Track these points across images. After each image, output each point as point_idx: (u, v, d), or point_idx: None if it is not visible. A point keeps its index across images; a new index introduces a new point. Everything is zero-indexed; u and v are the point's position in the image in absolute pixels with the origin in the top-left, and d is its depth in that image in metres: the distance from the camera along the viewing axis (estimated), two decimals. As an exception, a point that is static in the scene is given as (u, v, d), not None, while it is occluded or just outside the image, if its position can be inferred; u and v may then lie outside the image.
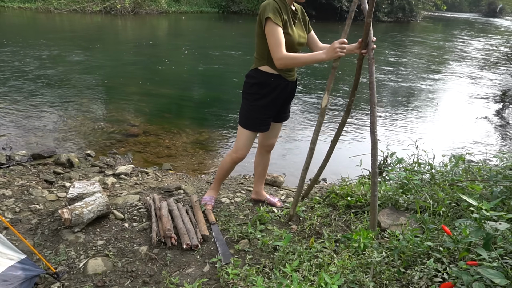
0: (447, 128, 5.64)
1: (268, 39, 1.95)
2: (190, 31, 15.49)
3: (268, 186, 3.22)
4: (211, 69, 8.52)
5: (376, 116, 2.01)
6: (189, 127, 4.87)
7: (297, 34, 2.09)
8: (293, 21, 2.08)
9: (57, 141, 4.16)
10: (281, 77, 2.14)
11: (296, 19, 2.11)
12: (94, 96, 5.93)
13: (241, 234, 2.21)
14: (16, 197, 2.63)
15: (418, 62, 11.35)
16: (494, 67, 11.12)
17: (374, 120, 2.00)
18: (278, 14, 1.94)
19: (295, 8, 2.13)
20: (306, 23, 2.22)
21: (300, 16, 2.17)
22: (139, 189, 2.92)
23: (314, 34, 2.28)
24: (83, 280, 1.84)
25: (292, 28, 2.06)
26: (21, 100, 5.37)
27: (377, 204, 2.03)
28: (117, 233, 2.22)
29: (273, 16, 1.91)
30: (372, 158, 2.02)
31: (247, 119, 2.24)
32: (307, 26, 2.23)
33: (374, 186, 1.99)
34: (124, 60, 8.77)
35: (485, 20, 38.05)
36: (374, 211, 2.03)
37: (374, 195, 2.01)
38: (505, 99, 7.68)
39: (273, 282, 1.66)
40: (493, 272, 1.29)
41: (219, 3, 23.54)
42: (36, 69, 7.18)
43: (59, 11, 17.26)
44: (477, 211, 1.51)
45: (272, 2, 1.95)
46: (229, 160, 2.39)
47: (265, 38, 2.01)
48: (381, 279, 1.67)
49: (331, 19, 22.62)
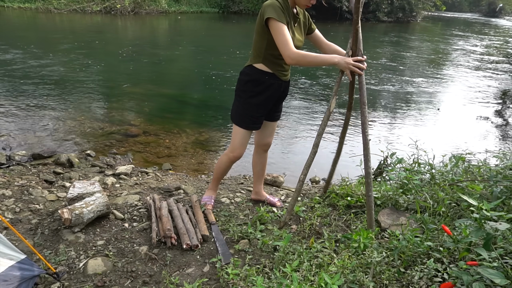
0: (447, 128, 5.64)
1: (276, 38, 1.95)
2: (190, 31, 15.49)
3: (268, 186, 3.22)
4: (211, 69, 8.52)
5: (367, 116, 2.02)
6: (189, 127, 4.87)
7: (295, 38, 2.10)
8: (293, 24, 2.08)
9: (57, 141, 4.16)
10: (275, 76, 2.15)
11: (296, 22, 2.12)
12: (94, 96, 5.93)
13: (241, 234, 2.21)
14: (16, 197, 2.63)
15: (418, 62, 11.35)
16: (494, 67, 11.12)
17: (364, 121, 2.01)
18: (282, 13, 1.94)
19: (297, 12, 2.12)
20: (307, 26, 2.22)
21: (302, 19, 2.17)
22: (139, 189, 2.92)
23: (319, 32, 2.28)
24: (83, 280, 1.84)
25: (292, 31, 2.06)
26: (21, 100, 5.37)
27: (372, 204, 2.04)
28: (117, 233, 2.22)
29: (276, 16, 1.91)
30: (365, 159, 2.03)
31: (240, 116, 2.25)
32: (309, 27, 2.23)
33: (369, 187, 2.00)
34: (124, 60, 8.77)
35: (485, 20, 38.05)
36: (371, 211, 2.04)
37: (368, 195, 2.01)
38: (505, 99, 7.68)
39: (273, 282, 1.66)
40: (493, 272, 1.29)
41: (219, 3, 23.54)
42: (36, 69, 7.18)
43: (59, 11, 17.25)
44: (477, 211, 1.51)
45: (275, 2, 1.95)
46: (226, 159, 2.39)
47: (263, 36, 2.02)
48: (381, 279, 1.67)
49: (331, 19, 22.62)
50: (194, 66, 8.88)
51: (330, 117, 2.10)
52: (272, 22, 1.93)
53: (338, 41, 2.44)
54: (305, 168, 2.14)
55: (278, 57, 2.05)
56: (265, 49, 2.06)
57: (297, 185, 2.18)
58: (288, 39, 1.93)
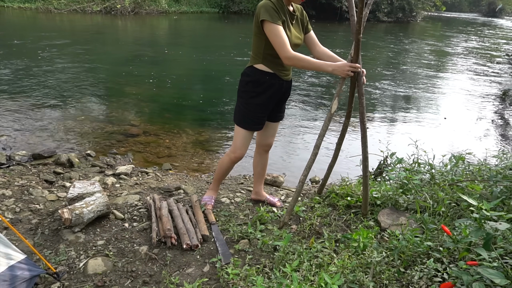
0: (447, 128, 5.64)
1: (271, 39, 1.96)
2: (190, 31, 15.49)
3: (268, 186, 3.22)
4: (211, 69, 8.52)
5: (365, 106, 2.11)
6: (189, 127, 4.87)
7: (293, 35, 2.09)
8: (290, 21, 2.08)
9: (57, 141, 4.16)
10: (276, 76, 2.15)
11: (293, 20, 2.11)
12: (94, 96, 5.93)
13: (241, 234, 2.21)
14: (16, 197, 2.63)
15: (418, 62, 11.35)
16: (494, 67, 11.12)
17: (362, 111, 2.10)
18: (276, 14, 1.94)
19: (293, 9, 2.12)
20: (304, 23, 2.22)
21: (299, 16, 2.16)
22: (139, 189, 2.92)
23: (314, 34, 2.28)
24: (83, 280, 1.84)
25: (289, 29, 2.06)
26: (21, 100, 5.37)
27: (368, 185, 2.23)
28: (117, 233, 2.22)
29: (270, 18, 1.91)
30: (363, 146, 2.16)
31: (243, 116, 2.24)
32: (306, 26, 2.23)
33: (365, 169, 2.18)
34: (124, 60, 8.77)
35: (485, 20, 38.04)
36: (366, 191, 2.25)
37: (365, 176, 2.20)
38: (505, 99, 7.68)
39: (273, 282, 1.66)
40: (493, 272, 1.29)
41: (219, 3, 23.54)
42: (35, 69, 7.18)
43: (59, 11, 17.25)
44: (477, 211, 1.51)
45: (268, 3, 1.94)
46: (228, 160, 2.39)
47: (260, 37, 2.02)
48: (381, 279, 1.68)
49: (331, 19, 22.62)
50: (194, 66, 8.88)
51: (331, 119, 2.10)
52: (266, 24, 1.94)
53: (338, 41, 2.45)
54: (306, 169, 2.14)
55: (277, 57, 2.05)
56: (264, 49, 2.06)
57: (298, 186, 2.18)
58: (284, 41, 1.93)
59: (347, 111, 2.25)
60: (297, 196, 2.22)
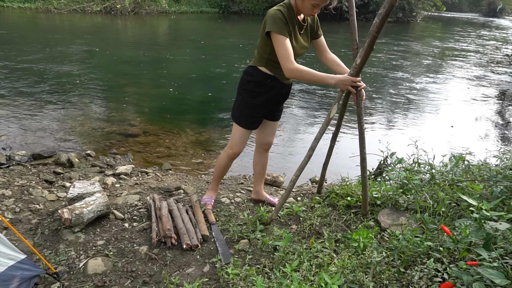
0: (447, 128, 5.64)
1: (277, 50, 1.96)
2: (190, 31, 15.48)
3: (268, 186, 3.22)
4: (211, 69, 8.52)
5: (362, 107, 2.10)
6: (189, 127, 4.87)
7: (300, 45, 2.09)
8: (298, 31, 2.08)
9: (57, 141, 4.16)
10: (277, 79, 2.16)
11: (302, 29, 2.10)
12: (94, 96, 5.93)
13: (241, 234, 2.21)
14: (16, 197, 2.63)
15: (417, 62, 11.35)
16: (494, 67, 11.12)
17: (360, 112, 2.09)
18: (284, 25, 1.93)
19: (304, 18, 2.10)
20: (314, 29, 2.19)
21: (309, 23, 2.14)
22: (139, 189, 2.92)
23: (324, 40, 2.26)
24: (83, 280, 1.84)
25: (296, 40, 2.06)
26: (21, 100, 5.37)
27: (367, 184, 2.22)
28: (117, 233, 2.22)
29: (278, 29, 1.91)
30: (360, 147, 2.16)
31: (240, 114, 2.27)
32: (316, 32, 2.20)
33: (363, 170, 2.18)
34: (124, 60, 8.77)
35: (485, 20, 38.04)
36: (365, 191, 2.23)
37: (364, 176, 2.19)
38: (505, 99, 7.68)
39: (273, 282, 1.66)
40: (493, 272, 1.29)
41: (219, 3, 23.53)
42: (35, 69, 7.18)
43: (59, 11, 17.25)
44: (477, 211, 1.51)
45: (279, 13, 1.94)
46: (225, 156, 2.40)
47: (266, 43, 2.03)
48: (381, 279, 1.67)
49: (331, 19, 22.60)
50: (194, 66, 8.88)
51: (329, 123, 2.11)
52: (273, 35, 1.94)
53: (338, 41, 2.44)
54: (298, 170, 2.16)
55: (279, 63, 2.05)
56: (268, 54, 2.07)
57: (288, 185, 2.22)
58: (289, 53, 1.93)
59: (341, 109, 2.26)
60: (287, 194, 2.24)
